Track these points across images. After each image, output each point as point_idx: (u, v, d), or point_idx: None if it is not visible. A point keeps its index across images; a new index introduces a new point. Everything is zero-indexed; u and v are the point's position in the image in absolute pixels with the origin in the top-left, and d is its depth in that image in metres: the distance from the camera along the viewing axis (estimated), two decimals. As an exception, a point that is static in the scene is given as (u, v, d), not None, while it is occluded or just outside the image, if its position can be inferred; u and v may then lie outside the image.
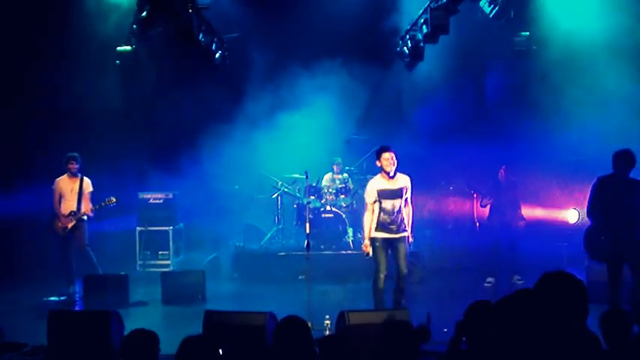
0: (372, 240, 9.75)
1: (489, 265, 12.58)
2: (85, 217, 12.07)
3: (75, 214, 11.99)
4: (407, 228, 9.80)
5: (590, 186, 9.40)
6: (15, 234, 13.40)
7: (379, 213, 9.69)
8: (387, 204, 9.66)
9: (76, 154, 12.12)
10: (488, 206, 12.78)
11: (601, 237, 9.19)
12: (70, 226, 11.97)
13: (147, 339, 5.33)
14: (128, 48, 12.97)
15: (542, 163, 13.39)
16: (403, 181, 9.77)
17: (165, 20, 12.14)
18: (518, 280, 12.25)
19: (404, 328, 5.33)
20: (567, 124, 13.14)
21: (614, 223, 9.08)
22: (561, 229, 13.73)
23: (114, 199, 12.08)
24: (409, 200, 9.83)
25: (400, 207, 9.70)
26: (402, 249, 9.70)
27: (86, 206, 12.06)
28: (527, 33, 13.26)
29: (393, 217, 9.66)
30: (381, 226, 9.70)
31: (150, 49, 13.66)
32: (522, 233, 12.50)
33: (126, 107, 14.06)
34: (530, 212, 12.96)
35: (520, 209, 12.52)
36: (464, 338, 4.95)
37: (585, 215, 9.87)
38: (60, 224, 11.99)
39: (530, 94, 13.73)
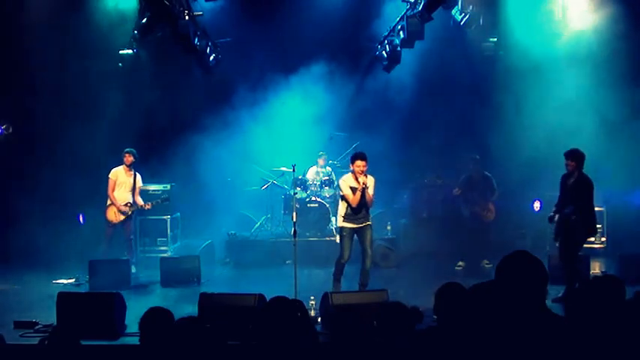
0: (340, 229, 10.22)
1: (460, 250, 12.68)
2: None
3: (131, 205, 12.11)
4: (369, 218, 10.25)
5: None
6: (27, 221, 13.38)
7: (347, 206, 10.00)
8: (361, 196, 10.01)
9: (133, 149, 12.24)
10: (461, 197, 12.84)
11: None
12: (128, 214, 12.11)
13: (163, 315, 5.33)
14: (130, 51, 12.97)
15: (507, 157, 13.49)
16: (370, 180, 10.06)
17: (163, 26, 12.16)
18: (487, 264, 12.37)
19: (400, 309, 5.37)
20: (527, 123, 13.29)
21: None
22: (526, 217, 13.90)
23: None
24: (371, 194, 10.07)
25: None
26: (368, 235, 10.10)
27: (139, 200, 12.23)
28: (495, 39, 13.34)
29: (363, 208, 10.05)
30: (348, 217, 10.08)
31: (150, 52, 13.67)
32: (491, 221, 12.59)
33: (127, 104, 14.04)
34: (498, 202, 13.07)
35: (490, 201, 12.58)
36: (435, 317, 5.03)
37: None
38: (116, 212, 12.04)
39: (496, 95, 13.84)
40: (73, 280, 11.79)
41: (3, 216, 13.31)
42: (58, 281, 11.76)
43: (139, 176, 12.33)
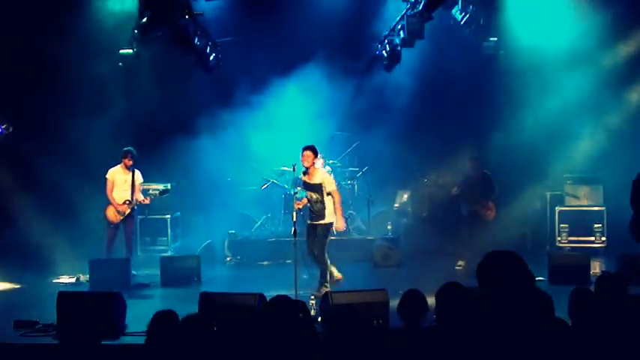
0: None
1: (460, 250, 12.67)
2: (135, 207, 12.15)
3: (130, 202, 12.00)
4: (327, 217, 10.28)
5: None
6: (27, 220, 13.39)
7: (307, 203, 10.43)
8: (308, 195, 10.38)
9: (132, 150, 12.08)
10: (461, 196, 12.85)
11: None
12: (126, 213, 11.99)
13: (170, 318, 5.32)
14: (130, 51, 12.96)
15: (507, 157, 13.49)
16: (319, 177, 10.29)
17: (163, 26, 12.17)
18: (486, 263, 12.35)
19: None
20: (527, 123, 13.31)
21: None
22: (525, 216, 13.90)
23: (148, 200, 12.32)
24: (332, 192, 10.27)
25: (318, 199, 10.25)
26: (318, 234, 10.27)
27: (139, 196, 12.09)
28: (495, 39, 13.34)
29: (312, 206, 10.32)
30: (307, 214, 10.47)
31: (150, 52, 13.67)
32: (491, 221, 12.58)
33: (127, 104, 14.05)
34: (497, 201, 13.07)
35: (490, 199, 12.56)
36: (434, 316, 5.04)
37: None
38: (115, 212, 11.93)
39: (496, 95, 13.84)
40: (73, 280, 11.81)
41: (3, 215, 13.31)
42: (58, 280, 11.77)
43: (138, 173, 12.19)
